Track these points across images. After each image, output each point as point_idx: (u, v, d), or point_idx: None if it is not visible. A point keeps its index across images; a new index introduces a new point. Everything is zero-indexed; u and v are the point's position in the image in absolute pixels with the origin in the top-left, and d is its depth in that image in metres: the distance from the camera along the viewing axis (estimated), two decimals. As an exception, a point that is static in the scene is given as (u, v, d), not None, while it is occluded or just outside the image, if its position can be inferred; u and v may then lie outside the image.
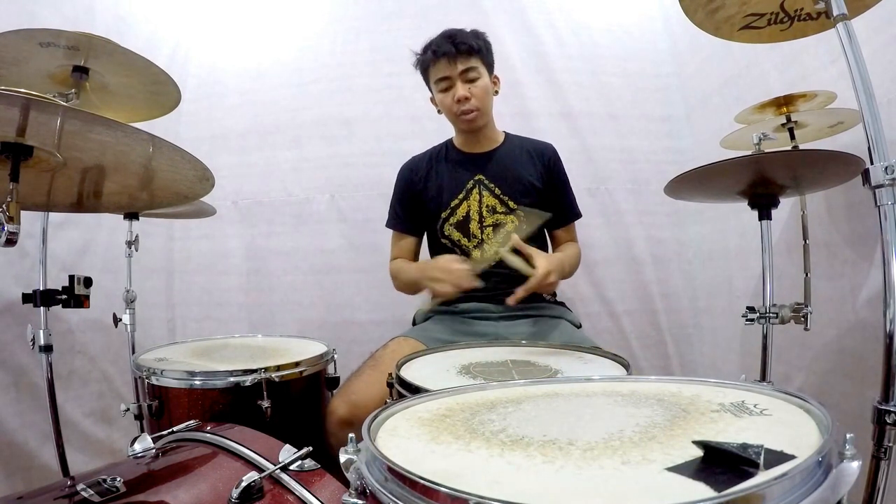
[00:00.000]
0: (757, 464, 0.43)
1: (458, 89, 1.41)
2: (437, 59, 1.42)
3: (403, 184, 1.59)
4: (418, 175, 1.57)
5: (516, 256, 1.20)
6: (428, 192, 1.54)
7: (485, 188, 1.49)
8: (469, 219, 1.49)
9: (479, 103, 1.43)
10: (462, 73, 1.41)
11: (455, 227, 1.50)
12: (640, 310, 2.08)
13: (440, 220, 1.51)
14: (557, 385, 0.75)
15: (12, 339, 1.45)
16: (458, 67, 1.40)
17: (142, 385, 1.18)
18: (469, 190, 1.50)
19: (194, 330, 2.14)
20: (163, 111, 1.33)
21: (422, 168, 1.58)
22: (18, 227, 0.80)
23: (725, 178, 1.17)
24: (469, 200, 1.50)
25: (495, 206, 1.48)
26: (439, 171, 1.55)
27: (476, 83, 1.43)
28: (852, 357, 1.33)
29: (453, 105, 1.44)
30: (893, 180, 0.78)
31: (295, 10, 2.21)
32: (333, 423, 1.13)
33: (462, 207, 1.50)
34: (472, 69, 1.42)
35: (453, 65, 1.40)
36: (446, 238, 1.52)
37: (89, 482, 0.70)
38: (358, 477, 0.48)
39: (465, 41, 1.40)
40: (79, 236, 1.74)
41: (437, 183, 1.54)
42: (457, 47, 1.39)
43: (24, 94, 0.69)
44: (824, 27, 1.00)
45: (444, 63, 1.41)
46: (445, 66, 1.41)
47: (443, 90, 1.45)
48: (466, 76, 1.42)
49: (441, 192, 1.52)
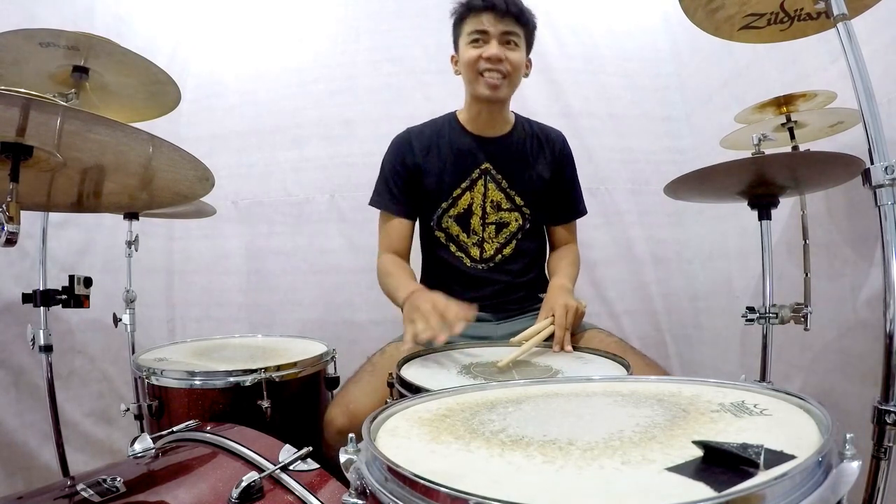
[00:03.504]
0: (757, 464, 0.43)
1: (492, 47, 1.28)
2: (482, 11, 1.29)
3: (397, 158, 1.41)
4: (416, 150, 1.40)
5: (529, 338, 1.07)
6: (427, 174, 1.39)
7: (491, 180, 1.38)
8: (471, 213, 1.38)
9: (511, 70, 1.30)
10: (503, 34, 1.29)
11: (455, 220, 1.39)
12: (640, 310, 2.08)
13: (439, 209, 1.38)
14: (557, 385, 0.75)
15: (12, 339, 1.46)
16: (500, 27, 1.28)
17: (142, 385, 1.18)
18: (474, 180, 1.38)
19: (194, 330, 2.14)
20: (163, 111, 1.33)
21: (421, 143, 1.41)
22: (18, 227, 0.80)
23: (725, 179, 1.16)
24: (473, 192, 1.38)
25: (500, 203, 1.39)
26: (441, 149, 1.40)
27: (514, 51, 1.31)
28: (852, 357, 1.33)
29: (479, 62, 1.29)
30: (893, 180, 0.78)
31: (295, 11, 2.21)
32: (332, 434, 1.08)
33: (465, 198, 1.38)
34: (514, 34, 1.30)
35: (497, 22, 1.28)
36: (442, 231, 1.40)
37: (89, 482, 0.70)
38: (358, 477, 0.48)
39: (517, 4, 1.30)
40: (79, 236, 1.74)
41: (437, 164, 1.39)
42: (507, 6, 1.28)
43: (24, 94, 0.69)
44: (824, 27, 1.00)
45: (488, 17, 1.28)
46: (488, 21, 1.28)
47: (474, 43, 1.30)
48: (506, 38, 1.29)
49: (442, 177, 1.38)
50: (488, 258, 1.41)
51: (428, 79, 2.09)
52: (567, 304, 1.14)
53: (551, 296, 1.26)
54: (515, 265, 1.42)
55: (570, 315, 1.12)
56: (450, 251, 1.41)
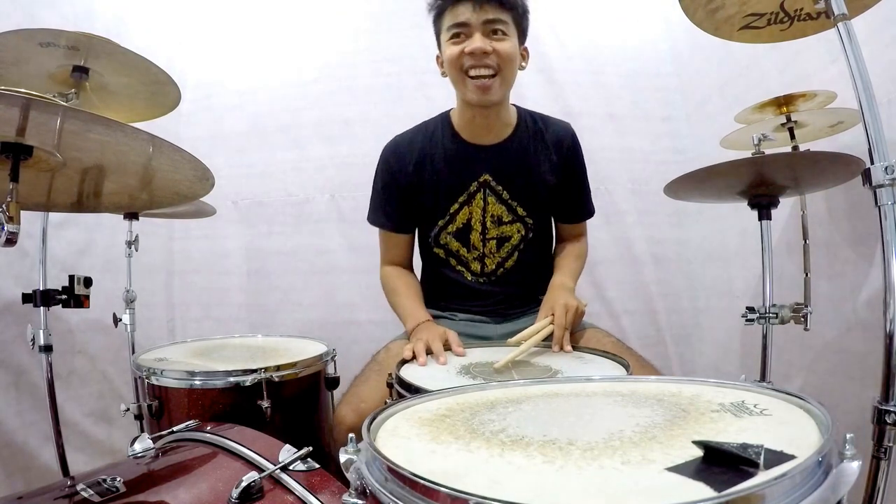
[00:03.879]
0: (757, 464, 0.43)
1: (475, 40, 1.12)
2: (459, 1, 1.14)
3: (387, 174, 1.32)
4: (407, 163, 1.29)
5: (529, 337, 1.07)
6: (421, 191, 1.30)
7: (491, 192, 1.29)
8: (470, 228, 1.30)
9: (502, 64, 1.14)
10: (485, 23, 1.13)
11: (454, 237, 1.32)
12: (640, 310, 2.08)
13: (436, 227, 1.32)
14: (557, 385, 0.75)
15: (12, 339, 1.45)
16: (482, 15, 1.12)
17: (142, 385, 1.18)
18: (472, 193, 1.29)
19: (194, 330, 2.14)
20: (163, 111, 1.33)
21: (411, 155, 1.29)
22: (18, 227, 0.80)
23: (725, 179, 1.16)
24: (472, 206, 1.29)
25: (501, 216, 1.30)
26: (435, 162, 1.29)
27: (502, 41, 1.14)
28: (852, 357, 1.33)
29: (462, 58, 1.14)
30: (893, 180, 0.78)
31: (295, 11, 2.21)
32: (342, 433, 1.04)
33: (462, 213, 1.30)
34: (500, 22, 1.14)
35: (477, 10, 1.12)
36: (441, 247, 1.34)
37: (89, 482, 0.70)
38: (358, 477, 0.48)
39: None
40: (79, 236, 1.74)
41: (433, 179, 1.29)
42: None
43: (24, 94, 0.69)
44: (824, 27, 1.00)
45: (466, 6, 1.12)
46: (466, 10, 1.13)
47: (454, 38, 1.15)
48: (491, 27, 1.13)
49: (437, 193, 1.30)
50: (490, 272, 1.36)
51: (428, 79, 2.08)
52: (567, 303, 1.12)
53: (551, 295, 1.25)
54: (517, 276, 1.38)
55: (569, 315, 1.11)
56: (450, 266, 1.37)
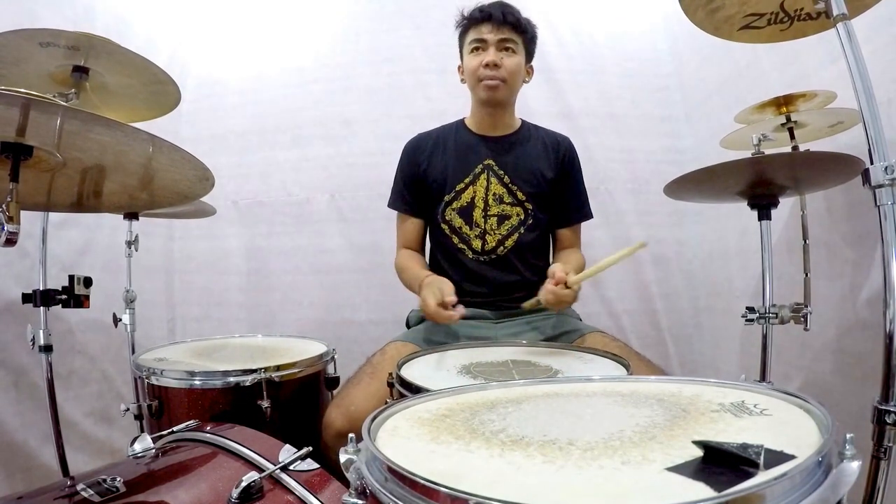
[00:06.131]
0: (757, 464, 0.43)
1: (489, 54, 1.37)
2: (481, 21, 1.39)
3: (407, 162, 1.52)
4: (423, 153, 1.50)
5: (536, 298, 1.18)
6: (432, 173, 1.48)
7: (493, 174, 1.44)
8: (473, 206, 1.44)
9: (507, 75, 1.39)
10: (500, 42, 1.38)
11: (457, 213, 1.45)
12: (640, 310, 2.08)
13: (442, 203, 1.46)
14: (557, 385, 0.75)
15: (12, 339, 1.45)
16: (498, 35, 1.38)
17: (142, 385, 1.18)
18: (477, 175, 1.45)
19: (194, 330, 2.14)
20: (163, 111, 1.33)
21: (427, 146, 1.51)
22: (18, 227, 0.80)
23: (725, 179, 1.16)
24: (475, 186, 1.44)
25: (503, 196, 1.44)
26: (446, 150, 1.49)
27: (511, 57, 1.40)
28: (852, 357, 1.33)
29: (479, 69, 1.39)
30: (893, 180, 0.78)
31: (295, 11, 2.21)
32: (331, 436, 1.08)
33: (467, 192, 1.44)
34: (511, 41, 1.39)
35: (494, 30, 1.38)
36: (446, 223, 1.46)
37: (89, 482, 0.70)
38: (358, 477, 0.48)
39: (514, 14, 1.40)
40: (79, 236, 1.74)
41: (442, 163, 1.48)
42: (504, 16, 1.38)
43: (24, 94, 0.69)
44: (824, 27, 1.00)
45: (487, 27, 1.38)
46: (486, 30, 1.39)
47: (474, 52, 1.41)
48: (503, 45, 1.39)
49: (446, 174, 1.46)
50: (490, 250, 1.43)
51: (428, 79, 2.09)
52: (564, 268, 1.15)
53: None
54: (516, 261, 1.43)
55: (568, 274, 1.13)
56: (453, 243, 1.45)
